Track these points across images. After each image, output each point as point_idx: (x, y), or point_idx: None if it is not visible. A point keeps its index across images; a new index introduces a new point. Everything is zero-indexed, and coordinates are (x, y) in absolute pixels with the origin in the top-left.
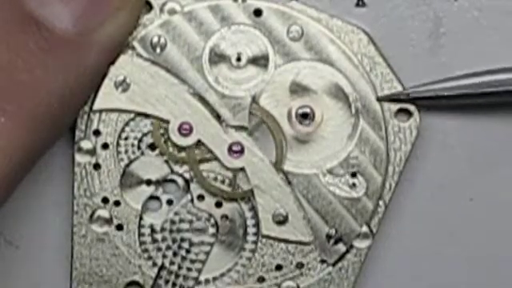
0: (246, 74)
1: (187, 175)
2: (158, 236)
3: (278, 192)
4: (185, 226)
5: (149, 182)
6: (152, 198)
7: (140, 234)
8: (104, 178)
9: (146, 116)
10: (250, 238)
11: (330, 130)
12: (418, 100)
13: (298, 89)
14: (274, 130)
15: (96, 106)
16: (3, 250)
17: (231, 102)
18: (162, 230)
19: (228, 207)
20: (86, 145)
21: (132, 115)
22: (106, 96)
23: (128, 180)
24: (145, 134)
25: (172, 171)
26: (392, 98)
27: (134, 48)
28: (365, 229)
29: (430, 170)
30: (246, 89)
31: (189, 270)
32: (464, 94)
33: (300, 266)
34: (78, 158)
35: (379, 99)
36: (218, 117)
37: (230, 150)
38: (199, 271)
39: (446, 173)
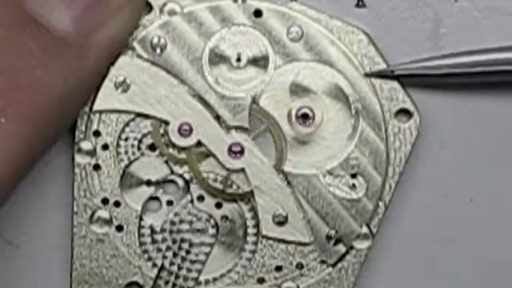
0: (245, 74)
1: (187, 176)
2: (158, 237)
3: (278, 193)
4: (185, 226)
5: (149, 183)
6: (152, 198)
7: (140, 235)
8: (104, 179)
9: (146, 117)
10: (250, 238)
11: (330, 131)
12: (403, 78)
13: (298, 89)
14: (274, 131)
15: (96, 107)
16: (3, 250)
17: (231, 103)
18: (162, 230)
19: (228, 208)
20: (86, 145)
21: (132, 116)
22: (106, 97)
23: (128, 181)
24: (145, 135)
25: (172, 172)
26: (378, 75)
27: (134, 49)
28: (365, 230)
29: (430, 170)
30: (246, 89)
31: (189, 270)
32: (450, 73)
33: (300, 266)
34: (78, 158)
35: (367, 75)
36: (217, 117)
37: (229, 150)
38: (199, 272)
39: (446, 173)
